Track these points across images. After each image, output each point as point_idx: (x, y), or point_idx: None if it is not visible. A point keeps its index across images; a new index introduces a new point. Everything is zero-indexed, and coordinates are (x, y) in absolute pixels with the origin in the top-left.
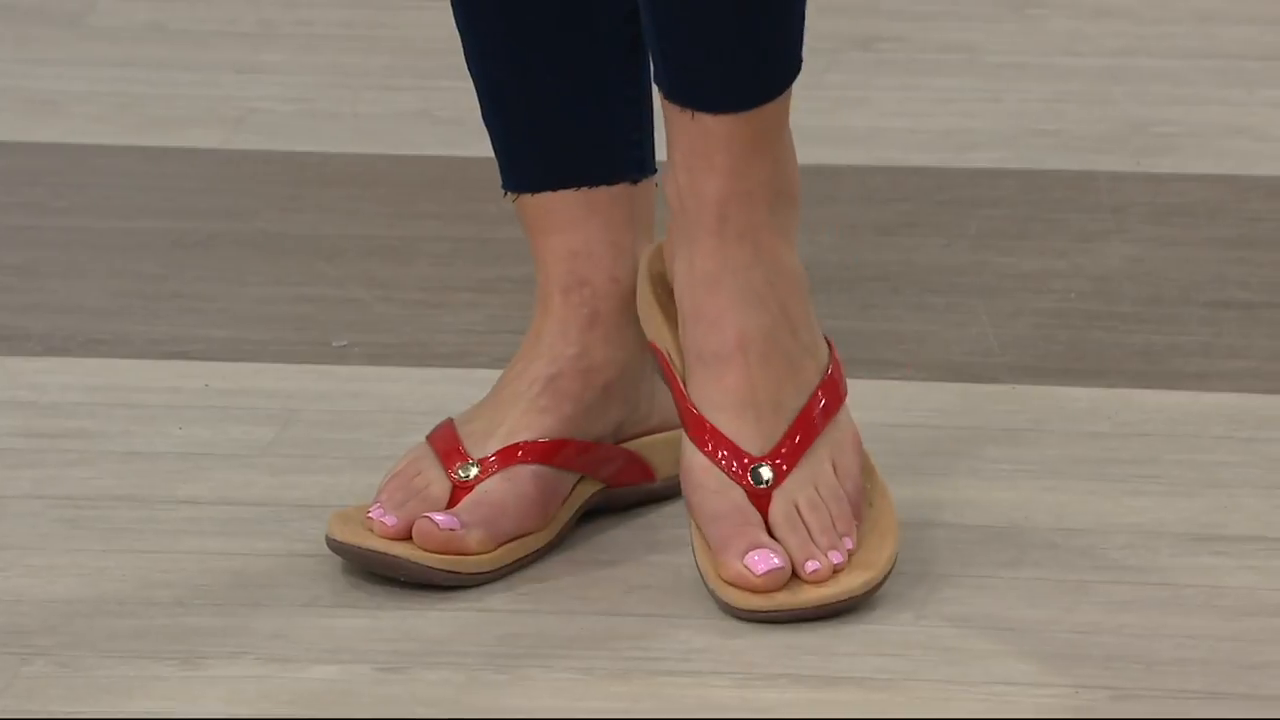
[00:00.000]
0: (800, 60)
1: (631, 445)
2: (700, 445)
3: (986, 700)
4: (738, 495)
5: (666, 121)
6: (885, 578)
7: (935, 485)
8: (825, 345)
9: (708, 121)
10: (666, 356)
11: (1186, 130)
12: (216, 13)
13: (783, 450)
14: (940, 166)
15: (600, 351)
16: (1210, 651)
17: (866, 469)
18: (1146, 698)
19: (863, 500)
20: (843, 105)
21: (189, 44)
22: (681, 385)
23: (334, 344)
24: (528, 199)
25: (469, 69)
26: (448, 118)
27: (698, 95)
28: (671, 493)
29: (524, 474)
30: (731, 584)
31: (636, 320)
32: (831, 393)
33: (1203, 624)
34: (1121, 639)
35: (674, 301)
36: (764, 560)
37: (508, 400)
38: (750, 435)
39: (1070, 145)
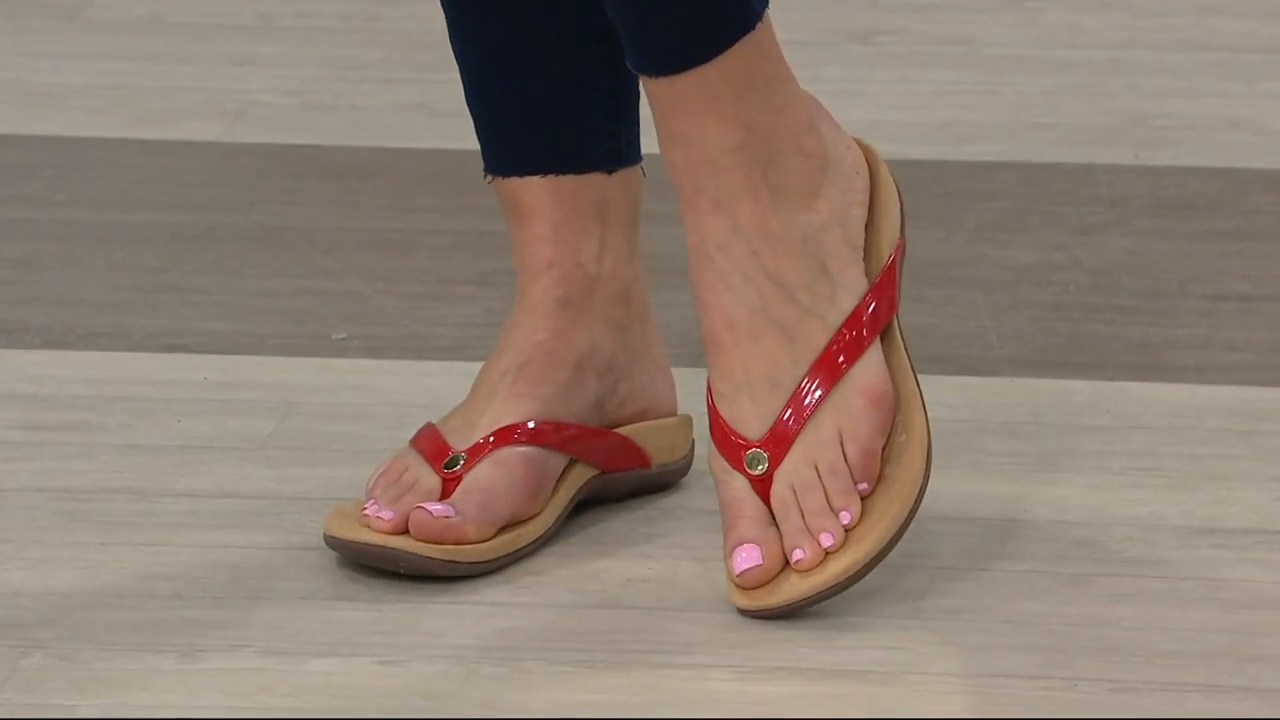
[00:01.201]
0: (746, 18)
1: (624, 431)
2: (710, 431)
3: (985, 693)
4: (739, 484)
5: None
6: (873, 558)
7: (934, 478)
8: (849, 291)
9: (653, 87)
10: None
11: (1185, 123)
12: (215, 5)
13: (777, 431)
14: (938, 159)
15: (569, 333)
16: (1209, 644)
17: (905, 419)
18: (1145, 690)
19: (876, 461)
20: (841, 98)
21: (187, 37)
22: None
23: (333, 337)
24: (501, 183)
25: (454, 54)
26: (446, 111)
27: (637, 60)
28: (667, 480)
29: (513, 457)
30: (728, 577)
31: (606, 303)
32: (839, 352)
33: (1202, 617)
34: (1120, 632)
35: None
36: (743, 559)
37: (484, 395)
38: (747, 419)
39: (1069, 138)
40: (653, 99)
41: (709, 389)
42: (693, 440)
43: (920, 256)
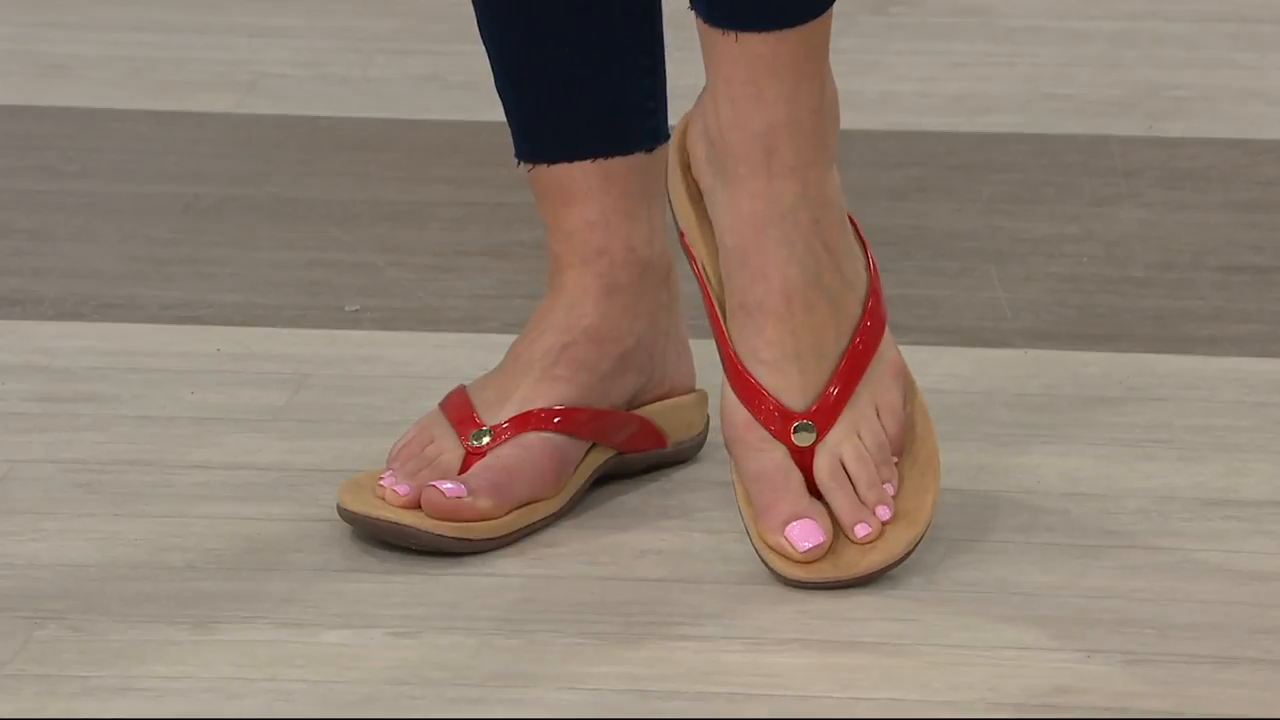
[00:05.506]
0: None
1: (643, 411)
2: (744, 400)
3: (998, 665)
4: (780, 454)
5: (706, 50)
6: (929, 528)
7: (947, 450)
8: (863, 265)
9: (754, 44)
10: (702, 269)
11: (1199, 94)
12: None
13: (825, 403)
14: (952, 131)
15: (618, 322)
16: (1222, 616)
17: (909, 393)
18: (1159, 662)
19: (904, 433)
20: (855, 69)
21: (201, 7)
22: (722, 322)
23: (346, 309)
24: (543, 170)
25: (481, 37)
26: (459, 82)
27: (743, 14)
28: (683, 457)
29: (536, 441)
30: (774, 550)
31: (654, 290)
32: (873, 326)
33: (1215, 588)
34: (1133, 604)
35: (700, 195)
36: (804, 535)
37: (522, 368)
38: (793, 389)
39: (1083, 109)
40: (741, 59)
41: (732, 353)
42: (707, 415)
43: (934, 228)
